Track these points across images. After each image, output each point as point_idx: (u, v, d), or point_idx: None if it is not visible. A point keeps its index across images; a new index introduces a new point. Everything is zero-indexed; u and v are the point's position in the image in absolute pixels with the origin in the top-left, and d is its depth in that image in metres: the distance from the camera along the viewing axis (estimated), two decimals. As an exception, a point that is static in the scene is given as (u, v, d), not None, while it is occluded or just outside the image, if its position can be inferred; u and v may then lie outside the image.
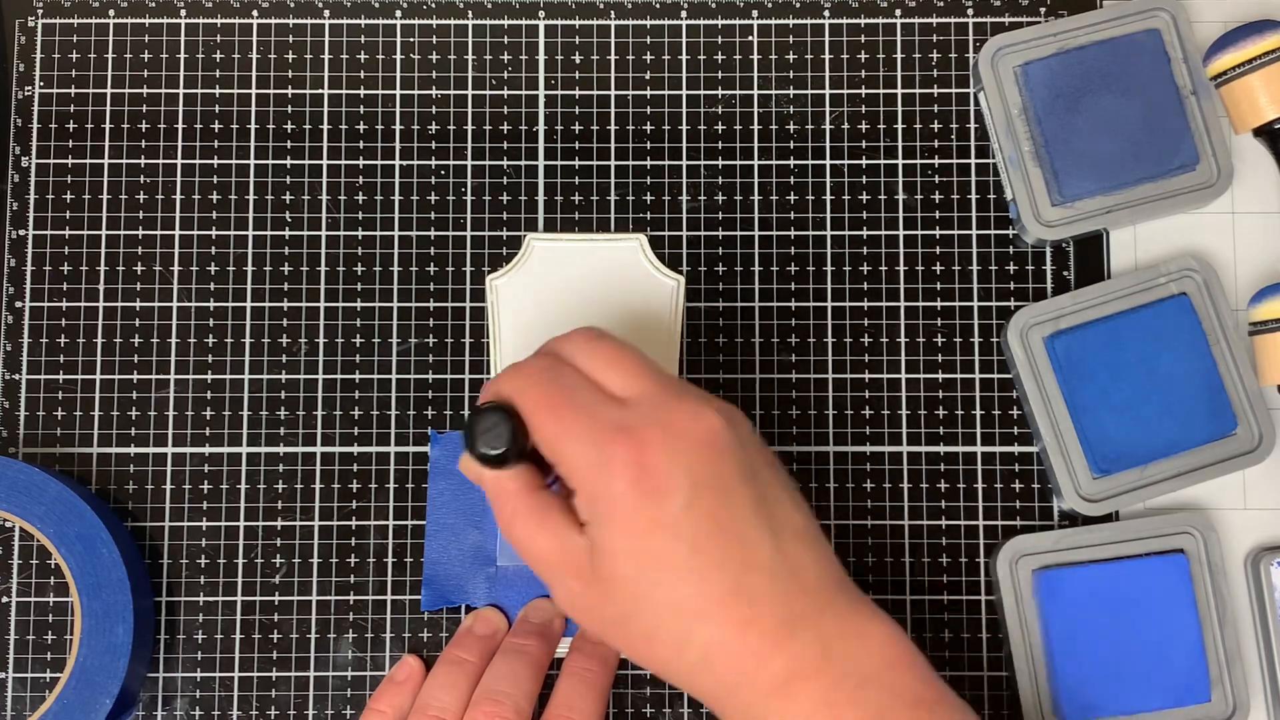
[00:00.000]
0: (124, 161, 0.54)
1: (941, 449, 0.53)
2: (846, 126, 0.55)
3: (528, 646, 0.50)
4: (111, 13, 0.55)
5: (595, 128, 0.55)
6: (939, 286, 0.54)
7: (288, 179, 0.54)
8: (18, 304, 0.54)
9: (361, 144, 0.55)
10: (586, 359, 0.44)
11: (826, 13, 0.55)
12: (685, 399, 0.43)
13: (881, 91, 0.55)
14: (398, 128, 0.55)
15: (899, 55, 0.55)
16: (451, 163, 0.55)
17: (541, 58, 0.55)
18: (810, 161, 0.54)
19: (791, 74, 0.55)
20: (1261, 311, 0.51)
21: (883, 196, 0.54)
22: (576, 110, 0.55)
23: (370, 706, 0.50)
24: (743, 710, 0.42)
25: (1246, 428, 0.52)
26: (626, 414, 0.42)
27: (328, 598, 0.52)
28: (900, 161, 0.54)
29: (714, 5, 0.55)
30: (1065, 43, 0.53)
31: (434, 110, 0.55)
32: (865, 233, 0.54)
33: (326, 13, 0.55)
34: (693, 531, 0.41)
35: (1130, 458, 0.51)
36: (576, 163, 0.55)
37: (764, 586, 0.41)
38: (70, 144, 0.54)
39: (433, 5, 0.55)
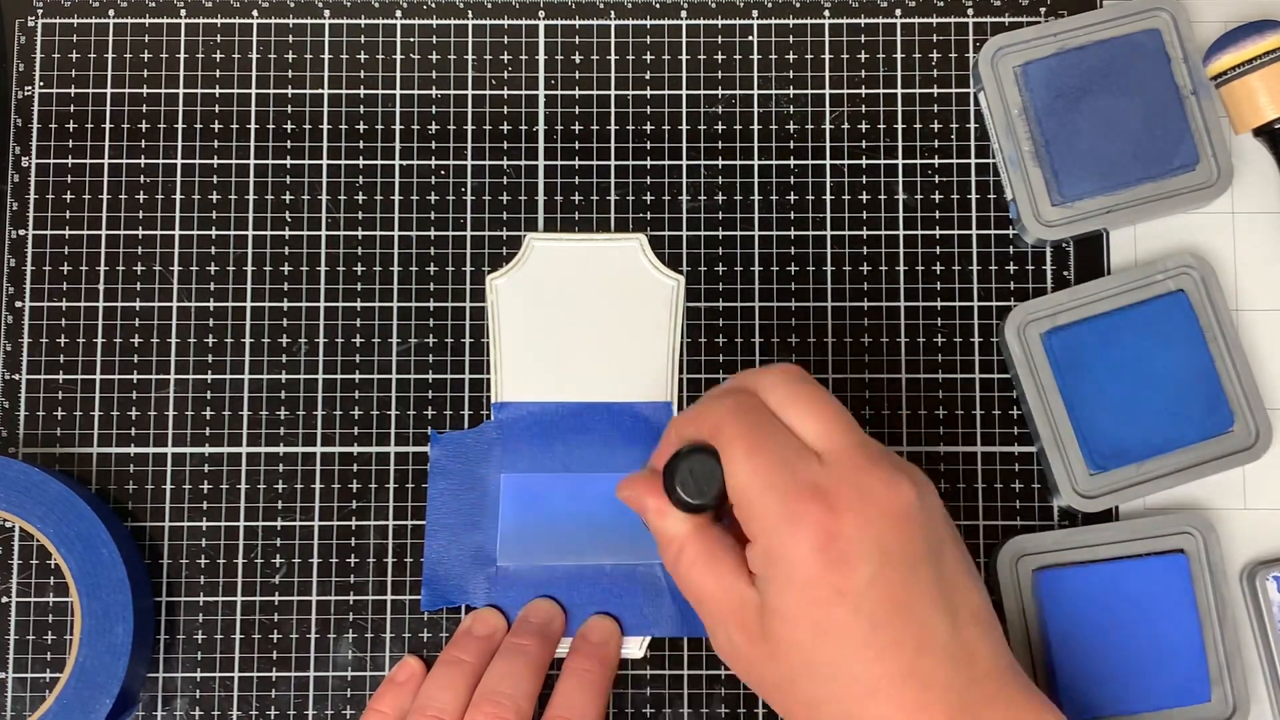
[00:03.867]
0: (124, 161, 0.54)
1: (941, 449, 0.53)
2: (846, 126, 0.55)
3: (527, 647, 0.50)
4: (111, 13, 0.55)
5: (595, 128, 0.55)
6: (939, 286, 0.54)
7: (288, 179, 0.54)
8: (18, 304, 0.54)
9: (361, 144, 0.55)
10: (783, 401, 0.43)
11: (826, 13, 0.55)
12: (881, 464, 0.42)
13: (881, 91, 0.55)
14: (398, 128, 0.55)
15: (899, 55, 0.55)
16: (451, 163, 0.55)
17: (541, 58, 0.55)
18: (810, 161, 0.54)
19: (791, 74, 0.55)
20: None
21: (883, 196, 0.54)
22: (576, 110, 0.55)
23: (371, 707, 0.50)
24: None
25: (1243, 424, 0.52)
26: (821, 472, 0.41)
27: (328, 598, 0.52)
28: (900, 161, 0.54)
29: (714, 5, 0.55)
30: (1065, 43, 0.53)
31: (434, 110, 0.55)
32: (865, 233, 0.54)
33: (326, 13, 0.55)
34: (874, 606, 0.40)
35: (1127, 454, 0.51)
36: (576, 163, 0.55)
37: (939, 670, 0.40)
38: (70, 144, 0.54)
39: (433, 5, 0.55)
